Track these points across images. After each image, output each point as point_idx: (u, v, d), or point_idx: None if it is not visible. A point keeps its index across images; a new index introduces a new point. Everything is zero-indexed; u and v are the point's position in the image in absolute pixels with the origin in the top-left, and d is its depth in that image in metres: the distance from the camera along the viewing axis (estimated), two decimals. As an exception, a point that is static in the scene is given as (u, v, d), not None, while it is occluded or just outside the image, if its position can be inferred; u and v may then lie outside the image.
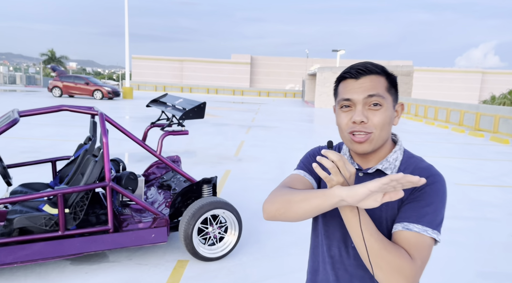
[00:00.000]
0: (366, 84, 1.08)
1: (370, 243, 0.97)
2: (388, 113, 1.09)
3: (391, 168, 1.12)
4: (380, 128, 1.08)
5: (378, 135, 1.09)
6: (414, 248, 0.99)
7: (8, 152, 7.41)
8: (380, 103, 1.08)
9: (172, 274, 3.38)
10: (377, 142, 1.10)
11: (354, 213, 0.98)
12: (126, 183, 3.53)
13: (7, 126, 2.99)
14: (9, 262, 2.96)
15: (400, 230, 1.03)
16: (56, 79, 24.34)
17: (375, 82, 1.09)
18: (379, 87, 1.08)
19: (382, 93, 1.08)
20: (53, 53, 48.47)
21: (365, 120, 1.07)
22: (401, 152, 1.15)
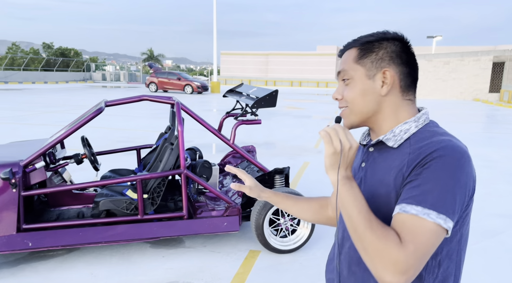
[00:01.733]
0: (342, 60, 1.07)
1: (356, 220, 0.88)
2: (359, 85, 1.02)
3: (395, 139, 1.00)
4: (351, 101, 1.03)
5: (352, 109, 1.04)
6: (407, 231, 0.84)
7: (107, 141, 8.15)
8: (348, 77, 1.04)
9: (243, 263, 3.37)
10: (356, 115, 1.04)
11: (345, 188, 0.92)
12: (200, 171, 3.59)
13: (93, 114, 3.22)
14: (97, 241, 3.20)
15: (397, 213, 0.89)
16: (153, 75, 26.29)
17: (346, 57, 1.06)
18: (347, 61, 1.04)
19: (348, 68, 1.04)
20: (151, 52, 52.57)
21: (338, 97, 1.06)
22: (418, 125, 1.00)
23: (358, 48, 1.03)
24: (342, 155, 0.90)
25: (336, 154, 0.90)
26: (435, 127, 1.01)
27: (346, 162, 0.92)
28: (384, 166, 1.00)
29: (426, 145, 0.93)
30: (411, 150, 0.95)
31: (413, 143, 0.97)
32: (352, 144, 0.90)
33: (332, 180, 0.93)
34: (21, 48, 47.69)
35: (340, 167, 0.92)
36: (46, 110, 13.76)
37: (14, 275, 3.05)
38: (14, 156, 3.17)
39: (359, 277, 1.04)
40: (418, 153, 0.92)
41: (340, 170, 0.92)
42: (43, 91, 23.59)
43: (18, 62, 39.91)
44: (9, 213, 2.95)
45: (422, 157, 0.90)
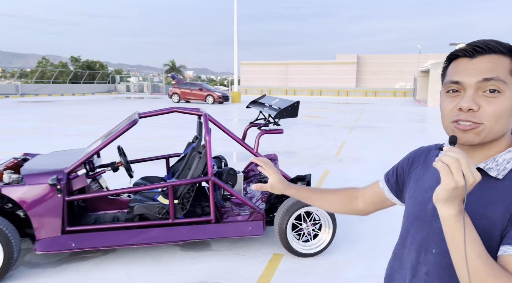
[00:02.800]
0: (483, 64, 0.88)
1: (476, 265, 0.78)
2: (508, 102, 0.88)
3: (498, 169, 0.90)
4: (494, 120, 0.87)
5: (490, 128, 0.88)
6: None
7: (135, 151, 8.52)
8: (498, 90, 0.87)
9: (267, 266, 3.55)
10: (488, 135, 0.90)
11: (460, 225, 0.80)
12: (226, 178, 3.82)
13: (128, 125, 3.50)
14: (131, 243, 3.45)
15: (510, 255, 0.81)
16: (175, 86, 26.94)
17: (495, 63, 0.88)
18: (499, 69, 0.87)
19: (503, 77, 0.87)
20: (173, 63, 53.80)
21: (474, 108, 0.88)
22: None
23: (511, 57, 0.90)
24: (461, 189, 0.77)
25: (457, 189, 0.77)
26: None
27: (463, 197, 0.80)
28: (485, 197, 0.90)
29: None
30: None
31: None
32: (475, 178, 0.77)
33: (443, 214, 0.81)
34: (50, 61, 49.63)
35: (454, 201, 0.79)
36: (75, 121, 14.37)
37: (57, 274, 3.33)
38: (58, 164, 3.47)
39: None
40: None
41: (454, 204, 0.80)
42: (71, 103, 24.53)
43: (47, 75, 41.55)
44: (54, 216, 3.24)
45: None
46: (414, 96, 38.29)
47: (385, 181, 1.25)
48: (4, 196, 3.33)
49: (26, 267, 3.42)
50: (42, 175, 3.25)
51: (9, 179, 3.26)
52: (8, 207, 3.42)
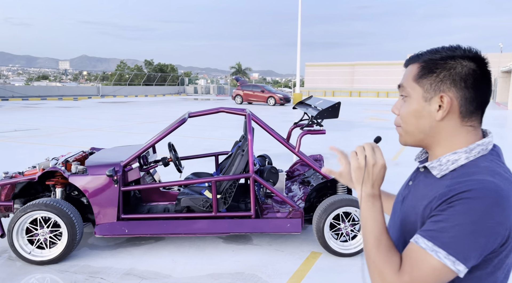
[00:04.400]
0: (405, 73, 1.00)
1: (367, 237, 0.92)
2: (414, 105, 0.95)
3: (440, 169, 0.93)
4: (404, 120, 0.98)
5: (404, 130, 0.99)
6: (409, 262, 0.85)
7: (195, 149, 9.00)
8: (405, 94, 0.98)
9: (304, 262, 3.64)
10: (406, 136, 0.99)
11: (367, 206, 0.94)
12: (267, 176, 3.97)
13: (178, 124, 3.80)
14: (178, 232, 3.74)
15: (410, 242, 0.89)
16: (239, 88, 27.68)
17: (407, 72, 0.99)
18: (408, 77, 0.98)
19: (406, 84, 0.98)
20: (239, 66, 55.17)
21: (396, 112, 1.01)
22: (469, 156, 0.91)
23: (420, 65, 0.95)
24: (366, 171, 0.91)
25: (360, 169, 0.91)
26: (489, 162, 0.90)
27: (372, 179, 0.92)
28: (422, 193, 0.95)
29: (465, 182, 0.86)
30: (450, 183, 0.88)
31: (456, 176, 0.90)
32: (377, 161, 0.90)
33: (357, 195, 0.95)
34: (128, 65, 53.57)
35: (364, 183, 0.92)
36: (145, 120, 15.45)
37: (113, 256, 3.72)
38: (116, 158, 3.88)
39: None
40: (453, 188, 0.86)
41: (364, 186, 0.92)
42: (143, 104, 26.32)
43: (124, 78, 44.92)
44: (111, 204, 3.63)
45: (453, 194, 0.85)
46: (494, 98, 35.29)
47: None
48: (71, 184, 3.80)
49: (88, 248, 3.86)
50: (102, 167, 3.66)
51: (75, 170, 3.72)
52: (74, 195, 3.89)
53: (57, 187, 3.70)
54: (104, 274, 3.34)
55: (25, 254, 3.43)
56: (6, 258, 3.62)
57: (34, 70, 62.65)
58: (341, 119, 16.76)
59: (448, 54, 0.92)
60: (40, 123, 13.76)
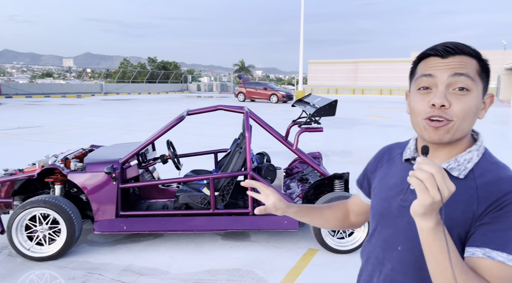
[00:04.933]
0: (453, 63, 0.91)
1: (451, 273, 0.81)
2: (475, 101, 0.91)
3: (459, 169, 0.94)
4: (462, 117, 0.90)
5: (458, 126, 0.91)
6: (497, 279, 0.83)
7: (195, 146, 9.03)
8: (468, 88, 0.90)
9: (301, 259, 3.66)
10: (456, 133, 0.92)
11: (437, 236, 0.81)
12: (265, 173, 3.98)
13: (176, 121, 3.82)
14: (176, 229, 3.77)
15: (480, 257, 0.85)
16: (241, 85, 27.70)
17: (465, 63, 0.91)
18: (469, 68, 0.91)
19: (472, 75, 0.91)
20: (243, 63, 55.16)
21: (446, 104, 0.89)
22: (479, 153, 0.95)
23: (478, 61, 0.93)
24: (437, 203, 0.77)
25: (433, 204, 0.77)
26: (492, 157, 0.97)
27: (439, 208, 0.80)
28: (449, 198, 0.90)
29: (496, 181, 0.89)
30: (478, 185, 0.90)
31: (478, 175, 0.92)
32: (450, 190, 0.77)
33: (421, 226, 0.82)
34: (131, 62, 53.69)
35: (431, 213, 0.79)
36: (148, 118, 15.50)
37: (112, 252, 3.75)
38: (115, 155, 3.91)
39: None
40: (490, 191, 0.88)
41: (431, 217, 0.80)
42: (146, 101, 26.39)
43: (128, 75, 45.04)
44: (110, 201, 3.67)
45: (497, 197, 0.86)
46: (497, 95, 35.11)
47: (359, 187, 1.27)
48: (70, 181, 3.83)
49: (87, 245, 3.90)
50: (100, 164, 3.69)
51: (74, 167, 3.75)
52: (73, 192, 3.93)
53: (56, 184, 3.74)
54: (103, 270, 3.38)
55: (25, 251, 3.47)
56: (6, 254, 3.67)
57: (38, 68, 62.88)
58: (343, 117, 16.73)
59: (482, 56, 0.94)
60: (43, 121, 13.84)
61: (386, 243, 1.04)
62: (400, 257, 1.00)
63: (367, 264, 1.13)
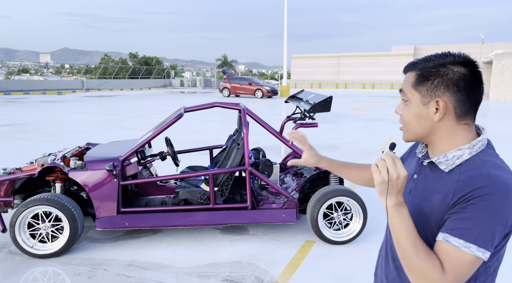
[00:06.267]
0: (405, 79, 1.13)
1: (404, 246, 0.97)
2: (414, 109, 1.08)
3: (447, 164, 1.05)
4: (407, 122, 1.11)
5: (407, 129, 1.12)
6: (449, 261, 0.95)
7: (185, 143, 9.07)
8: (406, 99, 1.11)
9: (299, 251, 3.79)
10: (410, 134, 1.12)
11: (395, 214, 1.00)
12: (262, 168, 4.10)
13: (175, 119, 3.89)
14: (176, 224, 3.85)
15: (440, 241, 0.98)
16: (226, 81, 27.66)
17: (406, 79, 1.11)
18: (407, 84, 1.11)
19: (406, 90, 1.10)
20: (225, 58, 54.91)
21: (399, 113, 1.14)
22: (472, 152, 1.04)
23: (416, 73, 1.08)
24: (390, 184, 0.96)
25: (384, 183, 0.97)
26: (489, 156, 1.03)
27: (396, 190, 0.98)
28: (433, 187, 1.06)
29: (475, 176, 0.97)
30: (460, 178, 1.00)
31: (464, 170, 1.02)
32: (400, 174, 0.95)
33: (383, 205, 1.01)
34: (112, 58, 52.80)
35: (390, 194, 0.98)
36: (133, 114, 15.38)
37: (113, 249, 3.81)
38: (115, 153, 3.95)
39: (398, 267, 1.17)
40: (466, 184, 0.97)
41: (389, 197, 0.98)
42: (129, 97, 26.09)
43: (109, 71, 44.31)
44: (111, 198, 3.72)
45: (469, 190, 0.96)
46: (475, 88, 36.06)
47: None
48: (70, 179, 3.86)
49: (89, 241, 3.94)
50: (101, 162, 3.73)
51: (74, 165, 3.78)
52: (74, 189, 3.95)
53: (56, 182, 3.76)
54: (107, 266, 3.44)
55: (28, 248, 3.50)
56: (6, 252, 3.68)
57: (14, 64, 61.21)
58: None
59: (439, 62, 1.04)
60: (26, 118, 13.59)
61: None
62: None
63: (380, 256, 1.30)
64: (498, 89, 25.38)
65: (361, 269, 3.44)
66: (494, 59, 25.78)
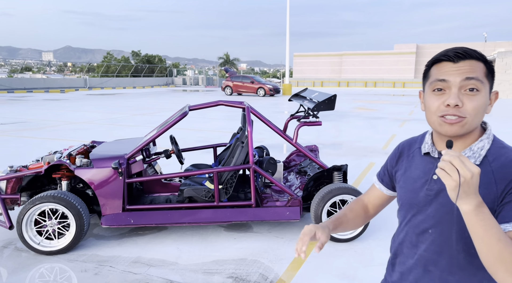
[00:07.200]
0: (464, 67, 1.04)
1: (499, 247, 0.91)
2: (484, 99, 1.05)
3: (474, 157, 1.07)
4: (474, 114, 1.04)
5: (471, 121, 1.05)
6: None
7: (188, 141, 9.10)
8: (477, 88, 1.04)
9: (303, 248, 3.82)
10: (469, 127, 1.06)
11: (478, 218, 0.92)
12: (266, 166, 4.12)
13: (180, 117, 3.92)
14: (181, 222, 3.88)
15: (510, 231, 0.98)
16: (228, 79, 27.67)
17: (475, 67, 1.05)
18: (478, 71, 1.05)
19: (481, 78, 1.05)
20: (227, 56, 54.92)
21: (459, 104, 1.03)
22: (489, 141, 1.09)
23: (485, 64, 1.06)
24: (466, 186, 0.89)
25: (457, 186, 0.89)
26: (502, 142, 1.10)
27: (473, 190, 0.91)
28: None
29: (509, 163, 1.03)
30: (494, 169, 1.04)
31: (491, 160, 1.06)
32: (473, 171, 0.88)
33: (463, 210, 0.93)
34: (114, 56, 52.87)
35: (468, 197, 0.91)
36: (136, 112, 15.43)
37: (119, 245, 3.85)
38: (120, 151, 3.98)
39: (436, 275, 1.15)
40: (505, 172, 1.02)
41: (468, 200, 0.91)
42: (132, 96, 26.14)
43: (112, 69, 44.38)
44: (116, 196, 3.75)
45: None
46: (478, 87, 35.97)
47: (380, 181, 1.40)
48: (76, 177, 3.90)
49: (95, 239, 3.98)
50: (106, 159, 3.76)
51: (80, 163, 3.82)
52: (80, 187, 3.99)
53: (63, 180, 3.80)
54: (113, 263, 3.48)
55: (35, 245, 3.54)
56: (13, 249, 3.72)
57: (16, 62, 61.37)
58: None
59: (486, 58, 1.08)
60: (30, 116, 13.65)
61: (418, 228, 1.18)
62: (432, 239, 1.14)
63: (401, 247, 1.26)
64: (500, 88, 25.30)
65: (364, 266, 3.47)
66: (497, 58, 25.70)
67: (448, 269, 1.12)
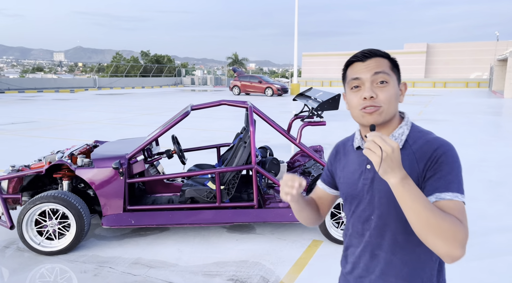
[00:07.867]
0: (371, 64, 1.19)
1: (426, 214, 0.99)
2: (394, 90, 1.18)
3: (396, 141, 1.17)
4: (387, 102, 1.17)
5: (387, 109, 1.17)
6: (457, 212, 1.04)
7: (194, 141, 9.08)
8: (386, 80, 1.17)
9: (306, 250, 3.75)
10: (386, 115, 1.18)
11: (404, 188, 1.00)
12: (269, 167, 4.06)
13: (181, 117, 3.87)
14: (183, 222, 3.84)
15: (436, 201, 1.08)
16: (236, 79, 27.66)
17: (380, 62, 1.19)
18: (383, 66, 1.19)
19: (387, 71, 1.18)
20: (236, 56, 54.92)
21: (374, 96, 1.16)
22: (408, 127, 1.22)
23: (389, 60, 1.21)
24: (388, 160, 0.97)
25: (383, 161, 0.97)
26: (419, 127, 1.23)
27: (396, 163, 0.99)
28: None
29: (425, 144, 1.16)
30: (414, 150, 1.17)
31: (412, 143, 1.19)
32: (393, 146, 0.97)
33: (390, 183, 1.01)
34: (124, 56, 53.26)
35: (392, 170, 0.99)
36: (143, 112, 15.47)
37: (120, 246, 3.82)
38: (122, 151, 3.95)
39: (381, 257, 1.23)
40: (423, 151, 1.14)
41: (393, 173, 0.99)
42: (141, 95, 26.26)
43: (121, 69, 44.68)
44: (117, 196, 3.72)
45: (430, 153, 1.12)
46: (490, 86, 35.44)
47: (323, 182, 1.47)
48: (77, 177, 3.88)
49: (96, 239, 3.96)
50: (107, 159, 3.73)
51: (81, 163, 3.79)
52: (81, 187, 3.97)
53: (64, 179, 3.78)
54: (113, 263, 3.45)
55: (35, 245, 3.53)
56: (15, 249, 3.72)
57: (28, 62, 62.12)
58: (339, 109, 16.71)
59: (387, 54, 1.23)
60: (39, 116, 13.77)
61: (361, 217, 1.27)
62: (374, 224, 1.24)
63: (351, 239, 1.33)
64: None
65: (369, 270, 3.39)
66: (509, 57, 25.26)
67: (391, 250, 1.21)
